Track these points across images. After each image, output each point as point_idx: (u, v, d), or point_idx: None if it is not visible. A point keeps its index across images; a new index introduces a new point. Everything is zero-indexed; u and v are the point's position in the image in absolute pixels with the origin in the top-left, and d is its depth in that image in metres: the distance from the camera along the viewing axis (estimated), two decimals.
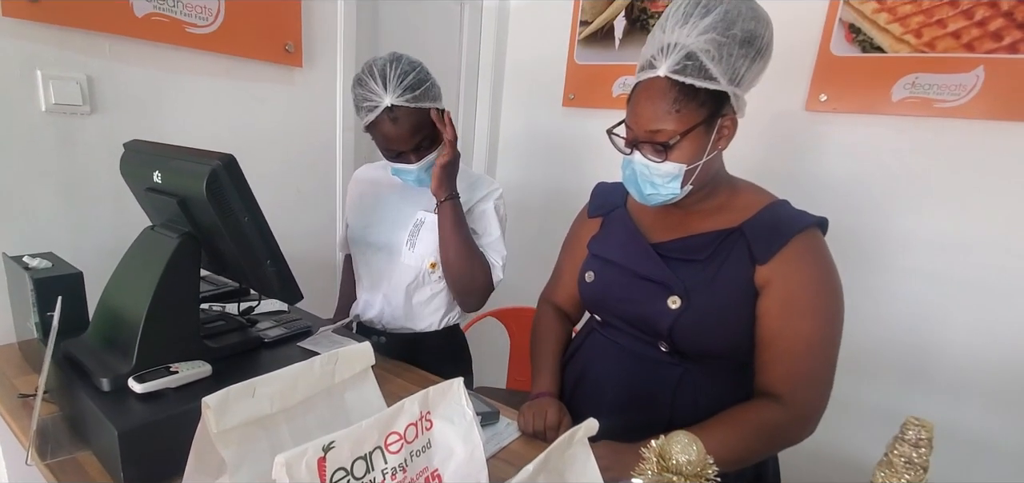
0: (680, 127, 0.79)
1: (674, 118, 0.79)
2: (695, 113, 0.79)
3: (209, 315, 1.00)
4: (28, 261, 0.92)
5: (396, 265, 1.20)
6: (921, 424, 0.49)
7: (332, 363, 0.67)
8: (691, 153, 0.81)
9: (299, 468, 0.48)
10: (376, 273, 1.24)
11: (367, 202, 1.29)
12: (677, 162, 0.81)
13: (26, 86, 1.04)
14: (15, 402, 0.87)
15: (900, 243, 1.53)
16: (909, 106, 1.47)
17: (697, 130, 0.80)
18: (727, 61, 0.77)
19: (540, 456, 0.53)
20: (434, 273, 1.20)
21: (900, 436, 0.49)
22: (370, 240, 1.24)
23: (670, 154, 0.81)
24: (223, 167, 0.74)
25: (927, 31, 1.42)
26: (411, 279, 1.20)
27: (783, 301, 0.81)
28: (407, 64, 1.07)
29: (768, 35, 0.79)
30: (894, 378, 1.58)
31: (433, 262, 1.18)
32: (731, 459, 0.79)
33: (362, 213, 1.28)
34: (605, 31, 1.95)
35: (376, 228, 1.23)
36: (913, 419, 0.49)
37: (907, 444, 0.48)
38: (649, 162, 0.83)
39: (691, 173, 0.83)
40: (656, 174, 0.83)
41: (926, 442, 0.48)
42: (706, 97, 0.78)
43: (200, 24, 1.25)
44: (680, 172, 0.82)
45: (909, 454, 0.48)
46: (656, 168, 0.83)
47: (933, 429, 0.49)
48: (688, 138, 0.80)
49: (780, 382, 0.82)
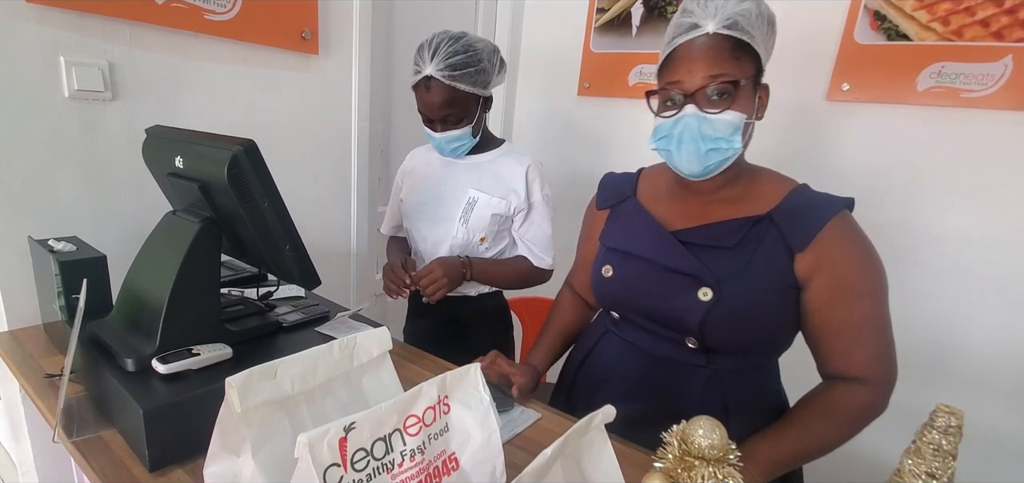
0: (742, 74, 0.77)
1: (735, 64, 0.77)
2: (749, 66, 0.78)
3: (228, 299, 1.02)
4: (53, 244, 0.93)
5: (449, 238, 1.27)
6: (951, 411, 0.48)
7: (350, 347, 0.68)
8: (748, 107, 0.79)
9: (321, 447, 0.48)
10: (430, 245, 1.31)
11: (422, 180, 1.34)
12: (739, 112, 0.78)
13: (49, 72, 1.05)
14: (41, 382, 0.89)
15: (923, 237, 1.50)
16: (934, 96, 1.43)
17: (749, 85, 0.79)
18: (759, 28, 0.77)
19: (557, 441, 0.53)
20: (483, 245, 1.28)
21: (929, 423, 0.48)
22: (425, 215, 1.31)
23: (734, 103, 0.78)
24: (244, 152, 0.74)
25: (955, 19, 1.38)
26: (463, 251, 1.28)
27: (837, 288, 0.79)
28: (462, 45, 1.13)
29: (773, 16, 0.81)
30: (915, 375, 1.54)
31: (483, 236, 1.26)
32: (826, 449, 0.81)
33: (417, 190, 1.34)
34: (622, 19, 1.93)
35: (431, 204, 1.30)
36: (943, 406, 0.48)
37: (936, 431, 0.48)
38: (707, 115, 0.78)
39: (747, 130, 0.81)
40: (715, 128, 0.78)
41: (956, 430, 0.47)
42: (751, 58, 0.78)
43: (218, 11, 1.26)
44: (741, 123, 0.78)
45: (938, 441, 0.47)
46: (716, 120, 0.78)
47: (963, 417, 0.48)
48: (744, 91, 0.78)
49: (861, 366, 0.81)
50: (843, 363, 0.82)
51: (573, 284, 1.15)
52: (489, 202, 1.24)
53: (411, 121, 1.20)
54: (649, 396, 0.91)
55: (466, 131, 1.19)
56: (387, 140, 1.90)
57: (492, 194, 1.24)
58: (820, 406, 0.83)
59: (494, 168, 1.26)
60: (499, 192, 1.24)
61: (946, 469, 0.49)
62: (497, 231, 1.28)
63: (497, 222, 1.26)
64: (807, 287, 0.81)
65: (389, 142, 1.91)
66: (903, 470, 0.51)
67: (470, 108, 1.18)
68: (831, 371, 0.84)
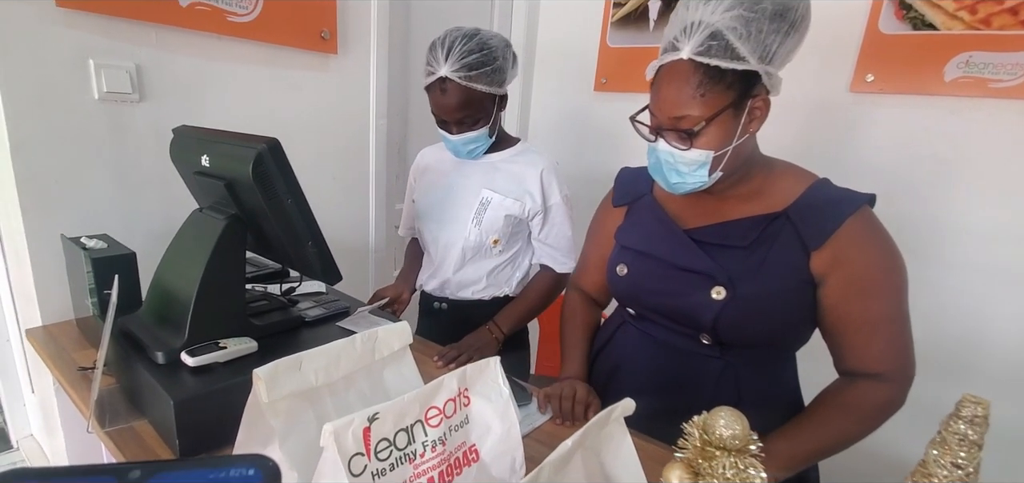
0: (705, 113, 0.75)
1: (699, 103, 0.75)
2: (721, 97, 0.75)
3: (252, 295, 1.04)
4: (85, 242, 0.96)
5: (462, 240, 1.24)
6: (978, 402, 0.47)
7: (372, 341, 0.69)
8: (719, 139, 0.77)
9: (346, 436, 0.49)
10: (443, 246, 1.28)
11: (434, 180, 1.32)
12: (703, 149, 0.77)
13: (79, 75, 1.09)
14: (75, 375, 0.92)
15: (950, 232, 1.47)
16: (962, 86, 1.40)
17: (724, 115, 0.75)
18: (757, 38, 0.72)
19: (577, 433, 0.53)
20: (496, 248, 1.25)
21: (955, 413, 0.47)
22: (438, 216, 1.28)
23: (695, 142, 0.77)
24: (269, 150, 0.76)
25: (982, 7, 1.35)
26: (475, 253, 1.26)
27: (853, 286, 0.78)
28: (476, 43, 1.09)
29: (804, 6, 0.74)
30: (940, 371, 1.51)
31: (496, 238, 1.23)
32: (844, 445, 0.80)
33: (429, 191, 1.32)
34: (639, 13, 1.92)
35: (444, 205, 1.28)
36: (970, 396, 0.47)
37: (962, 421, 0.47)
38: (674, 150, 0.79)
39: (720, 160, 0.78)
40: (681, 162, 0.80)
41: (982, 419, 0.47)
42: (734, 78, 0.74)
43: (240, 13, 1.28)
44: (707, 159, 0.78)
45: (964, 431, 0.47)
46: (681, 156, 0.79)
47: (989, 407, 0.47)
48: (715, 124, 0.76)
49: (878, 362, 0.80)
50: (861, 360, 0.81)
51: (581, 285, 1.12)
52: (503, 203, 1.20)
53: (428, 118, 1.20)
54: (664, 388, 0.91)
55: (483, 132, 1.16)
56: (404, 137, 1.92)
57: (507, 195, 1.21)
58: (838, 402, 0.83)
59: (508, 168, 1.23)
60: (514, 193, 1.21)
61: (972, 459, 0.48)
62: (511, 233, 1.25)
63: (511, 224, 1.23)
64: (824, 284, 0.80)
65: (406, 139, 1.93)
66: (928, 461, 0.50)
67: (487, 108, 1.15)
68: (849, 367, 0.83)
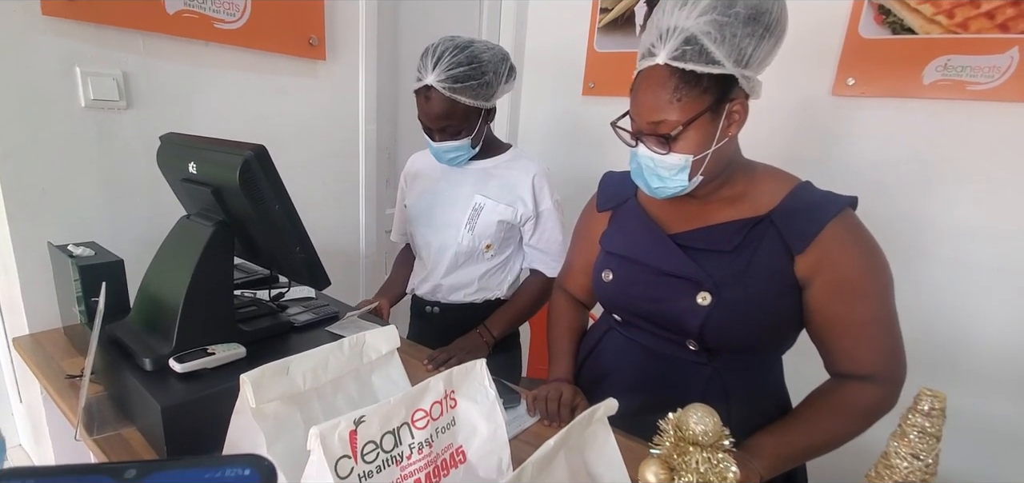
0: (682, 117, 0.76)
1: (676, 108, 0.76)
2: (698, 101, 0.76)
3: (241, 301, 1.04)
4: (72, 250, 0.96)
5: (454, 244, 1.25)
6: (934, 395, 0.49)
7: (360, 345, 0.70)
8: (697, 143, 0.78)
9: (332, 439, 0.50)
10: (436, 251, 1.29)
11: (426, 185, 1.33)
12: (682, 153, 0.79)
13: (66, 83, 1.08)
14: (63, 383, 0.92)
15: (931, 231, 1.50)
16: (941, 89, 1.43)
17: (702, 119, 0.76)
18: (731, 42, 0.73)
19: (560, 432, 0.54)
20: (489, 252, 1.27)
21: (913, 407, 0.49)
22: (430, 221, 1.30)
23: (674, 146, 0.78)
24: (255, 157, 0.76)
25: (960, 11, 1.38)
26: (468, 258, 1.27)
27: (838, 289, 0.78)
28: (466, 56, 1.10)
29: (777, 9, 0.74)
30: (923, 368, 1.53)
31: (488, 243, 1.25)
32: (834, 445, 0.81)
33: (422, 196, 1.33)
34: (625, 18, 1.94)
35: (436, 210, 1.29)
36: (926, 390, 0.49)
37: (920, 414, 0.48)
38: (654, 154, 0.81)
39: (699, 163, 0.79)
40: (662, 167, 0.81)
41: (939, 412, 0.48)
42: (710, 82, 0.75)
43: (228, 19, 1.29)
44: (686, 163, 0.79)
45: (922, 424, 0.48)
46: (661, 161, 0.80)
47: (945, 399, 0.49)
48: (692, 128, 0.77)
49: (868, 363, 0.80)
50: (851, 361, 0.82)
51: (568, 288, 1.12)
52: (495, 209, 1.22)
53: (418, 123, 1.21)
54: (651, 391, 0.91)
55: (465, 143, 1.17)
56: (394, 142, 1.92)
57: (499, 201, 1.22)
58: (828, 403, 0.83)
59: (501, 174, 1.25)
60: (506, 199, 1.23)
61: (930, 451, 0.50)
62: (503, 238, 1.26)
63: (503, 229, 1.24)
64: (809, 288, 0.80)
65: (396, 144, 1.93)
66: (889, 452, 0.52)
67: (470, 121, 1.15)
68: (839, 369, 0.84)
